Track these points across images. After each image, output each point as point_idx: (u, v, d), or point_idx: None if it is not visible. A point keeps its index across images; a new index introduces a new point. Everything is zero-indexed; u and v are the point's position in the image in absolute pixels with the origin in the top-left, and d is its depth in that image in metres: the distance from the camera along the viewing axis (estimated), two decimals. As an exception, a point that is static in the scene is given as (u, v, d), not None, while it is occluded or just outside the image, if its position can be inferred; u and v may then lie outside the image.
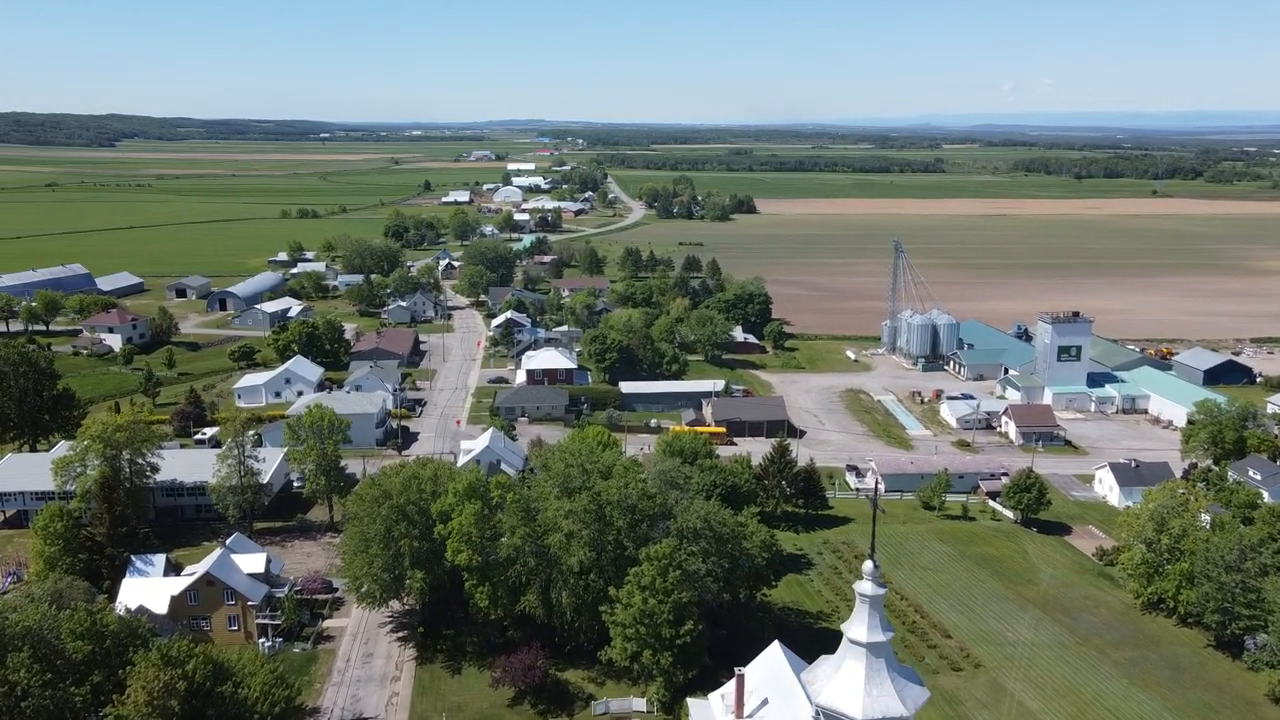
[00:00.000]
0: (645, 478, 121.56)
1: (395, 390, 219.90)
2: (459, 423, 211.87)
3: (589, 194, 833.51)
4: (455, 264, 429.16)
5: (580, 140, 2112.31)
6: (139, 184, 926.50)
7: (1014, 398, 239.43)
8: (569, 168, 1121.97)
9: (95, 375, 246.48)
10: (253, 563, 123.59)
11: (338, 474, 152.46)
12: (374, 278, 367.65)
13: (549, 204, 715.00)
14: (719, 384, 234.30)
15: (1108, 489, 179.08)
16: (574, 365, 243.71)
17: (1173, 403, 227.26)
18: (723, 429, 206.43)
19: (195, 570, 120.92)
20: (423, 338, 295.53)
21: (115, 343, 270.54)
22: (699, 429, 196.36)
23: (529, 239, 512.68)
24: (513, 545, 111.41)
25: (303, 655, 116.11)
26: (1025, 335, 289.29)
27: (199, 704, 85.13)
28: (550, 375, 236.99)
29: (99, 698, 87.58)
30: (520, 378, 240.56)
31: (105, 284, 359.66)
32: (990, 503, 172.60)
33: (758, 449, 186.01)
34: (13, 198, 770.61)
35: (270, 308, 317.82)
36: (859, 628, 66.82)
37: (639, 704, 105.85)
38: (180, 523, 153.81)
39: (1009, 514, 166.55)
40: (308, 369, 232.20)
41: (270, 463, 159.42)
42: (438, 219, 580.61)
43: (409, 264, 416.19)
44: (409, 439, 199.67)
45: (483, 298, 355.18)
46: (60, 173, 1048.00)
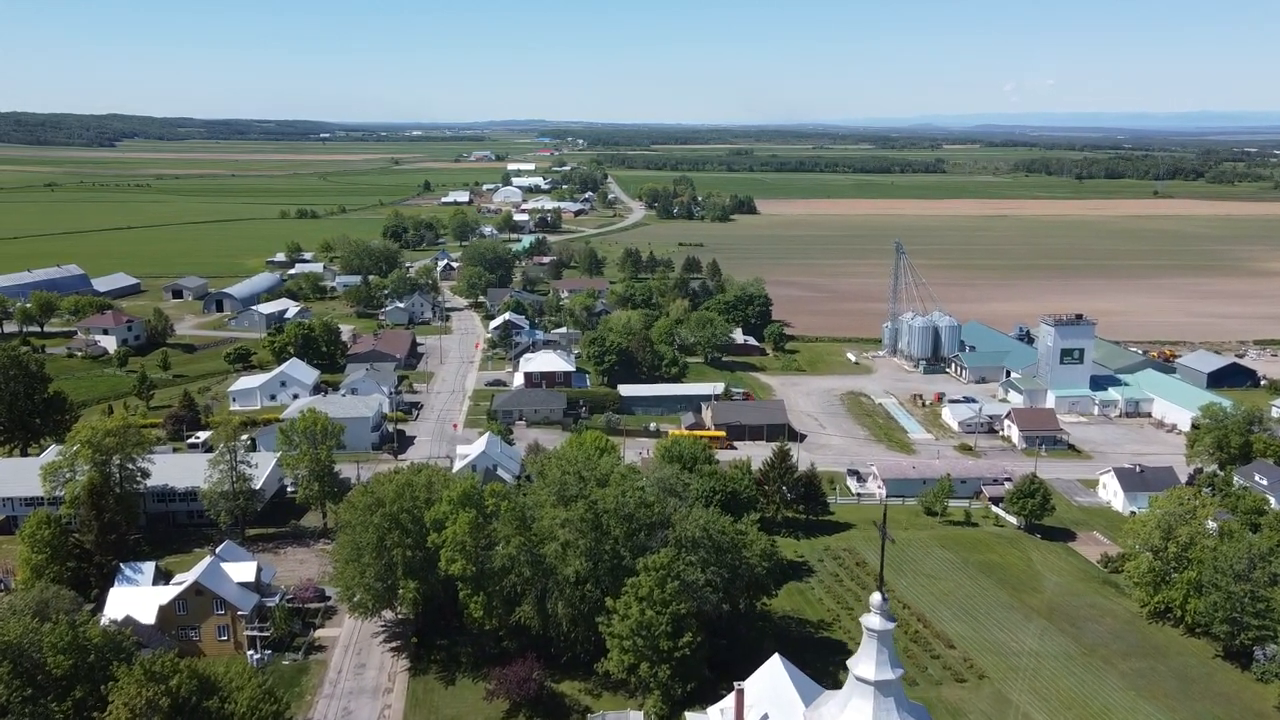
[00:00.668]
0: (643, 485, 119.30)
1: (391, 393, 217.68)
2: (456, 426, 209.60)
3: (589, 194, 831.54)
4: (454, 265, 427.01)
5: (580, 140, 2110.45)
6: (138, 184, 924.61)
7: (1016, 401, 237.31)
8: (569, 168, 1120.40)
9: (89, 377, 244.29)
10: (243, 571, 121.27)
11: (331, 479, 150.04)
12: (372, 279, 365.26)
13: (549, 204, 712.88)
14: (719, 387, 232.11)
15: (1112, 494, 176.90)
16: (572, 368, 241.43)
17: (1177, 406, 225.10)
18: (722, 433, 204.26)
19: (184, 579, 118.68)
20: (420, 339, 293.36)
21: (110, 344, 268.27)
22: (698, 433, 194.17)
23: (528, 239, 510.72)
24: (507, 555, 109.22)
25: (293, 666, 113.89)
26: (1027, 337, 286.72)
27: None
28: (548, 378, 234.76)
29: (81, 714, 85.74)
30: (518, 380, 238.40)
31: (101, 285, 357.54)
32: (993, 508, 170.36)
33: (758, 453, 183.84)
34: (12, 198, 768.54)
35: (267, 309, 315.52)
36: (866, 664, 63.02)
37: (636, 717, 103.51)
38: (172, 529, 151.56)
39: (1012, 520, 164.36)
40: (303, 372, 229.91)
41: (263, 468, 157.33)
42: (437, 219, 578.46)
43: (407, 265, 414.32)
44: (405, 443, 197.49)
45: (481, 299, 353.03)
46: (60, 173, 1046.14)
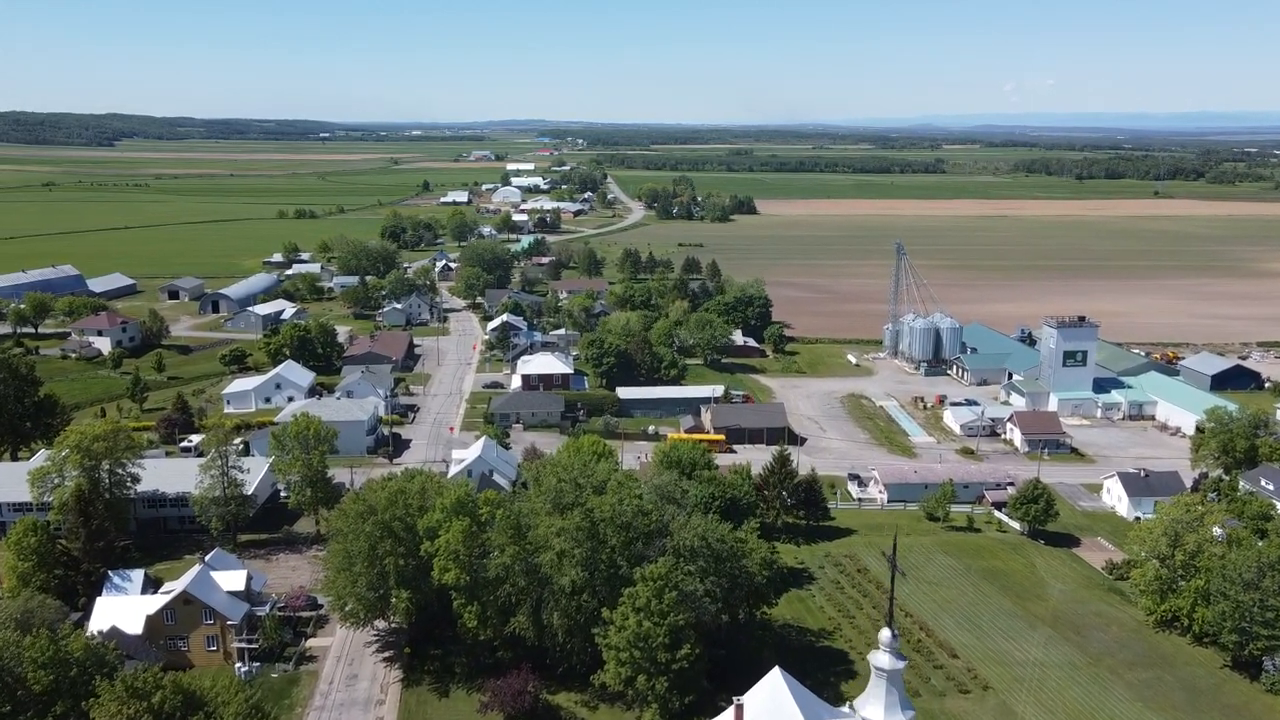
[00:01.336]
0: (641, 493, 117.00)
1: (387, 396, 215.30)
2: (452, 430, 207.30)
3: (588, 194, 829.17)
4: (452, 265, 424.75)
5: (580, 140, 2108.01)
6: (137, 184, 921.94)
7: (1018, 403, 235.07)
8: (569, 168, 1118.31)
9: (83, 379, 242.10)
10: (233, 580, 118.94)
11: (324, 485, 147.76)
12: (369, 280, 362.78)
13: (548, 204, 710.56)
14: (718, 390, 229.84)
15: (1116, 499, 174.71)
16: (570, 370, 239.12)
17: (1181, 409, 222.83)
18: (722, 436, 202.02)
19: (173, 588, 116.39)
20: (417, 341, 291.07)
21: (104, 346, 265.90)
22: (697, 436, 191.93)
23: (527, 240, 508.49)
24: (502, 564, 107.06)
25: (284, 677, 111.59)
26: (1029, 339, 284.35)
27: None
28: (546, 380, 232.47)
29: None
30: (515, 383, 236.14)
31: (97, 285, 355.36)
32: (996, 513, 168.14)
33: (758, 457, 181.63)
34: (10, 197, 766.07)
35: (263, 310, 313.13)
36: (875, 707, 60.21)
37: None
38: (163, 535, 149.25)
39: (1015, 525, 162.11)
40: (299, 374, 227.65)
41: (256, 473, 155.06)
42: (436, 219, 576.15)
43: (405, 265, 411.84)
44: (400, 447, 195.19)
45: (479, 300, 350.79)
46: (58, 172, 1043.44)
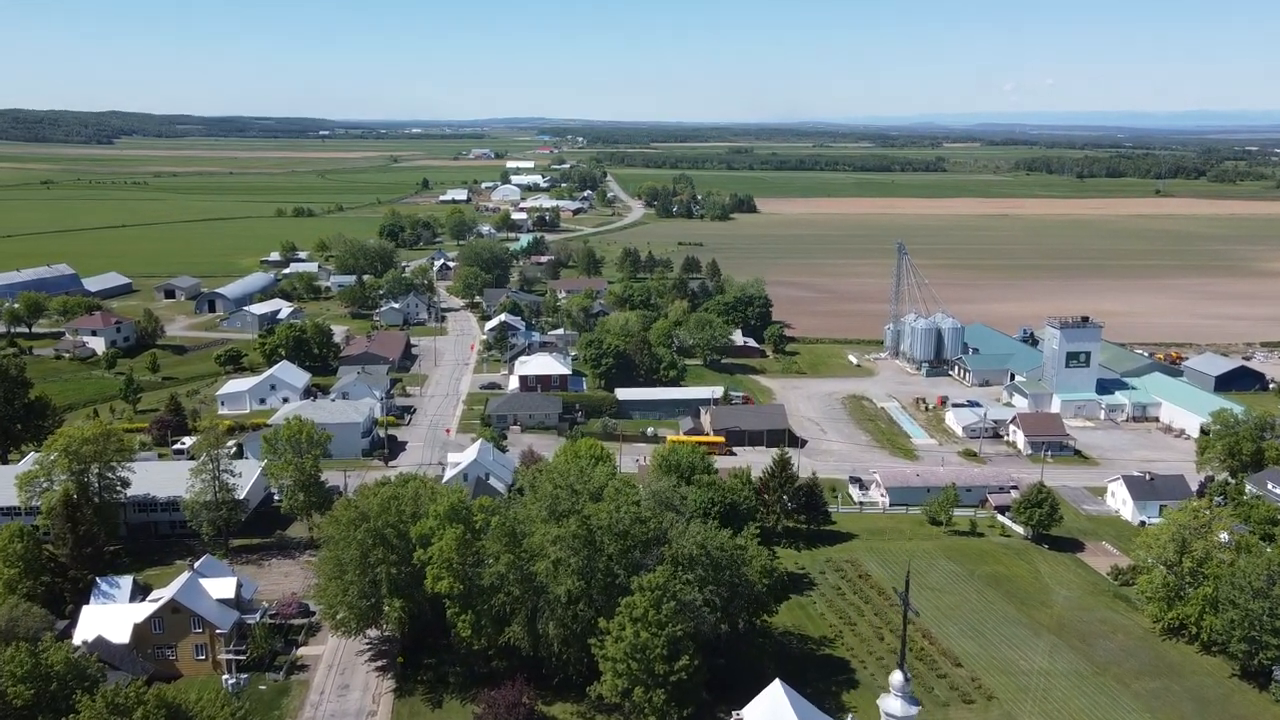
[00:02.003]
0: (639, 500, 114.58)
1: (384, 397, 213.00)
2: (449, 432, 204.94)
3: (588, 193, 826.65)
4: (450, 264, 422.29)
5: (580, 138, 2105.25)
6: (135, 182, 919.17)
7: (1021, 405, 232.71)
8: (568, 166, 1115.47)
9: (77, 380, 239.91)
10: (222, 587, 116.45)
11: (317, 489, 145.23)
12: (367, 279, 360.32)
13: (547, 203, 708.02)
14: (718, 391, 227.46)
15: (1121, 502, 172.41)
16: (568, 371, 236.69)
17: (1185, 410, 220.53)
18: (721, 438, 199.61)
19: (161, 596, 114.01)
20: (415, 341, 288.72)
21: (99, 346, 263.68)
22: (697, 439, 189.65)
23: (526, 238, 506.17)
24: (496, 572, 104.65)
25: (274, 687, 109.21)
26: (1031, 339, 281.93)
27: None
28: (544, 381, 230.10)
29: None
30: (513, 384, 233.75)
31: (93, 285, 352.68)
32: (999, 517, 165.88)
33: (758, 460, 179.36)
34: (7, 195, 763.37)
35: (259, 309, 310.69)
36: None
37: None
38: (154, 540, 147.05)
39: (1019, 529, 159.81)
40: (294, 375, 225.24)
41: (248, 476, 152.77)
42: (434, 218, 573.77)
43: (403, 264, 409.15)
44: (396, 449, 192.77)
45: (478, 299, 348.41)
46: (57, 170, 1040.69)
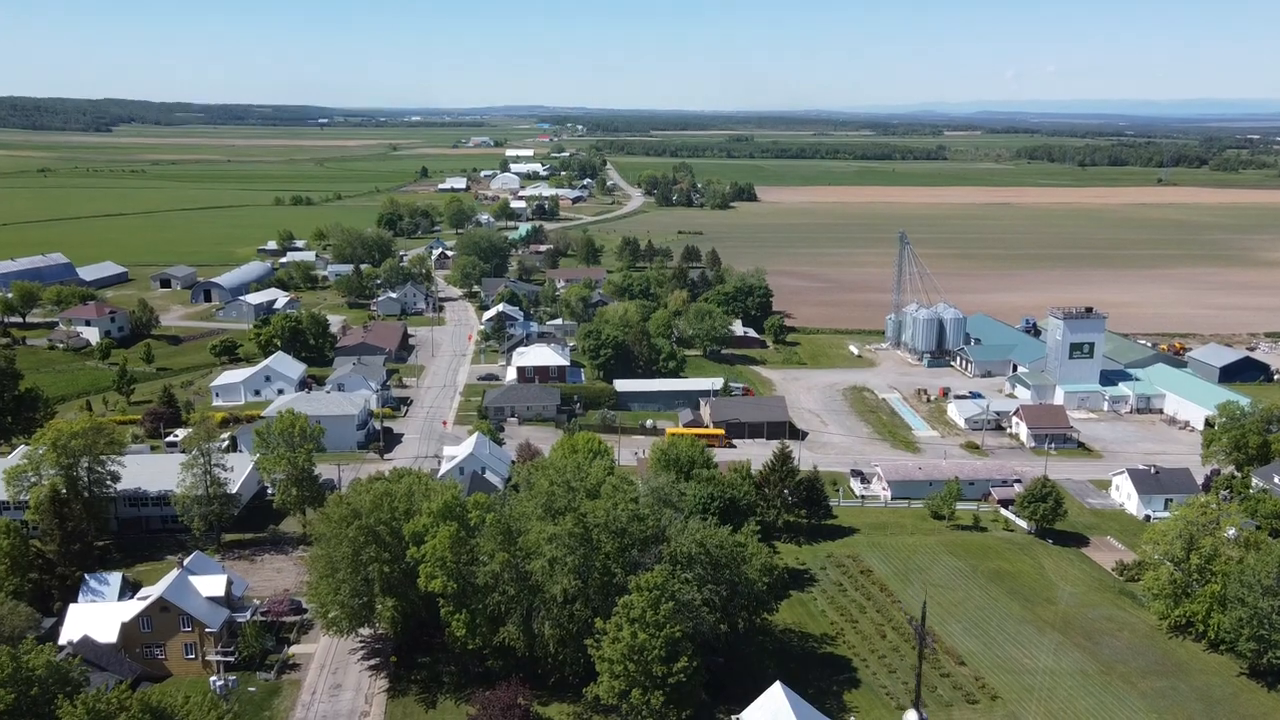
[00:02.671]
0: (637, 496, 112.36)
1: (380, 389, 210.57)
2: (446, 424, 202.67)
3: (587, 181, 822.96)
4: (449, 254, 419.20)
5: (580, 126, 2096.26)
6: (133, 170, 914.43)
7: (1024, 396, 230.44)
8: (568, 154, 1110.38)
9: (70, 371, 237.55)
10: (212, 585, 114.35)
11: (310, 484, 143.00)
12: (364, 268, 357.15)
13: (547, 191, 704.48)
14: (717, 383, 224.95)
15: (1126, 496, 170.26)
16: (567, 362, 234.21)
17: (1190, 402, 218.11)
18: (721, 431, 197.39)
19: (149, 594, 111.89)
20: (412, 331, 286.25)
21: (92, 336, 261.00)
22: (696, 431, 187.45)
23: (525, 227, 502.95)
24: (491, 571, 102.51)
25: (265, 687, 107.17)
26: (1034, 330, 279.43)
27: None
28: (542, 373, 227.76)
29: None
30: (511, 375, 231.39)
31: (87, 274, 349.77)
32: (1003, 511, 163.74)
33: (758, 452, 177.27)
34: (3, 183, 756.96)
35: (255, 299, 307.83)
36: None
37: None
38: (145, 535, 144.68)
39: (1023, 524, 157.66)
40: (289, 366, 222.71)
41: (241, 470, 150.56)
42: (433, 207, 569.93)
43: (401, 254, 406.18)
44: (392, 441, 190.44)
45: (476, 289, 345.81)
46: (54, 158, 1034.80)
